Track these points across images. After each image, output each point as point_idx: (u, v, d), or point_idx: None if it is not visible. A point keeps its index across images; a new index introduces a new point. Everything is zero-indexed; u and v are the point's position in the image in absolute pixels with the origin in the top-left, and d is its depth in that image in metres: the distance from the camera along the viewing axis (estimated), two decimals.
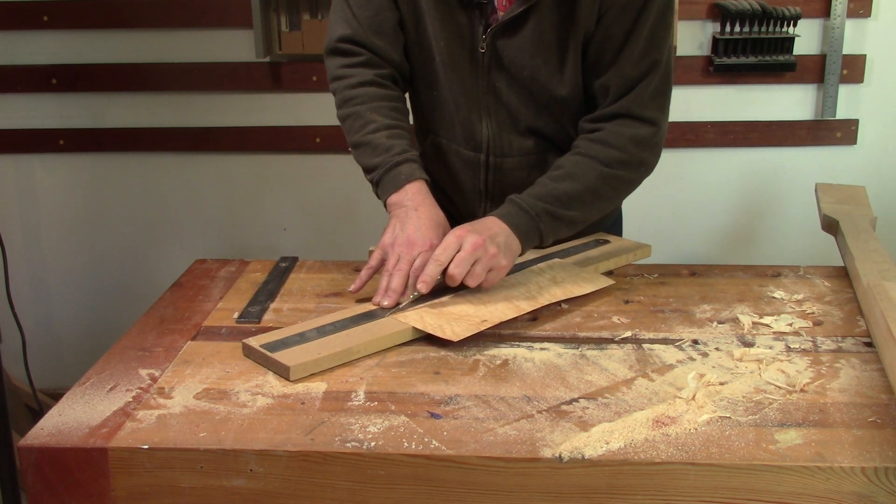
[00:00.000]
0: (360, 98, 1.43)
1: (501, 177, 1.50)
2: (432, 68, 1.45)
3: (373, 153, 1.39)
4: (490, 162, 1.49)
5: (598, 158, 1.37)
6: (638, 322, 1.26)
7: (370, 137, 1.39)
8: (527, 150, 1.47)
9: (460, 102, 1.46)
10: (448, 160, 1.52)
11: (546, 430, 0.98)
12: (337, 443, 0.96)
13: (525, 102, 1.44)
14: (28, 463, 0.97)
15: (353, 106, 1.43)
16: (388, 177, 1.37)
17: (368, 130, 1.40)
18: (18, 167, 2.70)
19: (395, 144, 1.39)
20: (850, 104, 2.58)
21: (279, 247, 2.72)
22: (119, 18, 2.55)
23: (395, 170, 1.37)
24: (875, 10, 2.50)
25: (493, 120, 1.45)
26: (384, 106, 1.43)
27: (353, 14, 1.44)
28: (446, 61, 1.43)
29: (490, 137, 1.47)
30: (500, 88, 1.43)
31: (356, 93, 1.43)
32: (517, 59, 1.39)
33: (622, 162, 1.37)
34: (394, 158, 1.38)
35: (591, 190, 1.37)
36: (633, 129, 1.37)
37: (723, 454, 0.93)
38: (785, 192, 2.66)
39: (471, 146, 1.49)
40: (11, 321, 2.21)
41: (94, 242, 2.77)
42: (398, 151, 1.38)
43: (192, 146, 2.67)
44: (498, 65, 1.41)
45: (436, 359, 1.16)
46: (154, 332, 1.25)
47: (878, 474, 0.91)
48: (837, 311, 1.30)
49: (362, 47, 1.44)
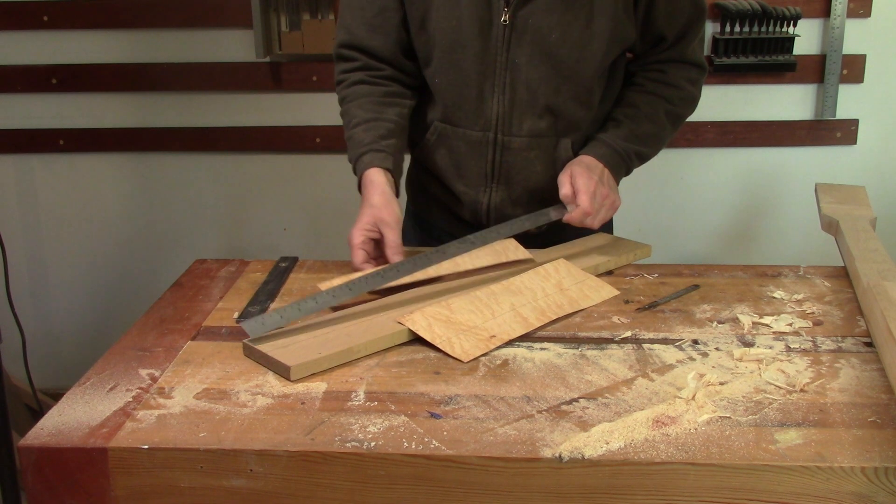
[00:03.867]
0: (349, 97, 1.51)
1: (508, 157, 1.50)
2: (441, 53, 1.46)
3: (350, 146, 1.48)
4: (498, 140, 1.49)
5: (666, 97, 1.53)
6: (638, 322, 1.26)
7: (350, 133, 1.48)
8: (536, 131, 1.49)
9: (472, 81, 1.46)
10: (453, 145, 1.52)
11: (546, 430, 0.98)
12: (337, 443, 0.96)
13: (546, 77, 1.45)
14: (28, 463, 0.97)
15: (344, 105, 1.52)
16: (357, 168, 1.46)
17: (350, 126, 1.49)
18: (18, 167, 2.70)
19: (366, 137, 1.46)
20: (850, 104, 2.58)
21: (279, 247, 2.72)
22: (119, 18, 2.55)
23: (360, 160, 1.45)
24: (875, 10, 2.50)
25: (507, 97, 1.46)
26: (367, 101, 1.50)
27: (352, 18, 1.50)
28: (459, 40, 1.43)
29: (500, 115, 1.48)
30: (519, 64, 1.44)
31: (347, 92, 1.52)
32: (544, 23, 1.41)
33: (683, 99, 1.56)
34: (358, 150, 1.46)
35: (662, 127, 1.54)
36: (689, 72, 1.55)
37: (723, 454, 0.93)
38: (785, 192, 2.66)
39: (479, 125, 1.49)
40: (11, 321, 2.21)
41: (94, 242, 2.77)
42: (366, 142, 1.45)
43: (192, 146, 2.67)
44: (519, 38, 1.42)
45: (436, 359, 1.16)
46: (154, 332, 1.25)
47: (878, 474, 0.91)
48: (837, 311, 1.30)
49: (359, 52, 1.51)
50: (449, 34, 1.44)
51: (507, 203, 1.55)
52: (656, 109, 1.53)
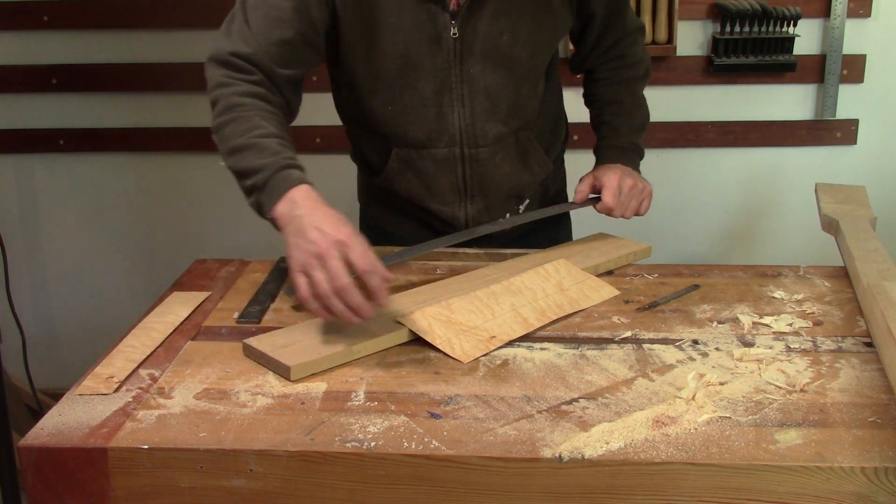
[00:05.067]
0: (248, 105, 1.30)
1: (478, 168, 1.50)
2: (391, 79, 1.42)
3: (259, 155, 1.24)
4: (465, 154, 1.48)
5: (637, 77, 1.62)
6: (638, 322, 1.26)
7: (258, 140, 1.25)
8: (500, 135, 1.49)
9: (429, 100, 1.44)
10: (419, 167, 1.50)
11: (546, 430, 0.98)
12: (337, 443, 0.96)
13: (504, 80, 1.45)
14: (28, 463, 0.97)
15: (239, 111, 1.29)
16: (276, 179, 1.21)
17: (256, 134, 1.26)
18: (18, 167, 2.70)
19: (284, 151, 1.26)
20: (850, 104, 2.57)
21: (279, 247, 2.71)
22: (119, 18, 2.55)
23: (284, 172, 1.22)
24: (875, 10, 2.50)
25: (467, 109, 1.45)
26: (275, 119, 1.31)
27: (253, 34, 1.33)
28: (410, 63, 1.40)
29: (463, 128, 1.46)
30: (474, 75, 1.43)
31: (245, 101, 1.30)
32: (493, 28, 1.40)
33: (646, 69, 1.64)
34: (284, 161, 1.24)
35: (644, 103, 1.64)
36: (637, 42, 1.62)
37: (723, 454, 0.93)
38: (785, 192, 2.66)
39: (443, 142, 1.47)
40: (11, 321, 2.21)
41: (94, 242, 2.77)
42: (289, 156, 1.25)
43: (192, 146, 2.66)
44: (470, 48, 1.41)
45: (436, 359, 1.16)
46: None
47: (878, 474, 0.91)
48: (837, 311, 1.30)
49: (258, 69, 1.33)
50: (398, 59, 1.39)
51: (484, 211, 1.54)
52: (635, 94, 1.62)
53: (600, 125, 1.62)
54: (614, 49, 1.59)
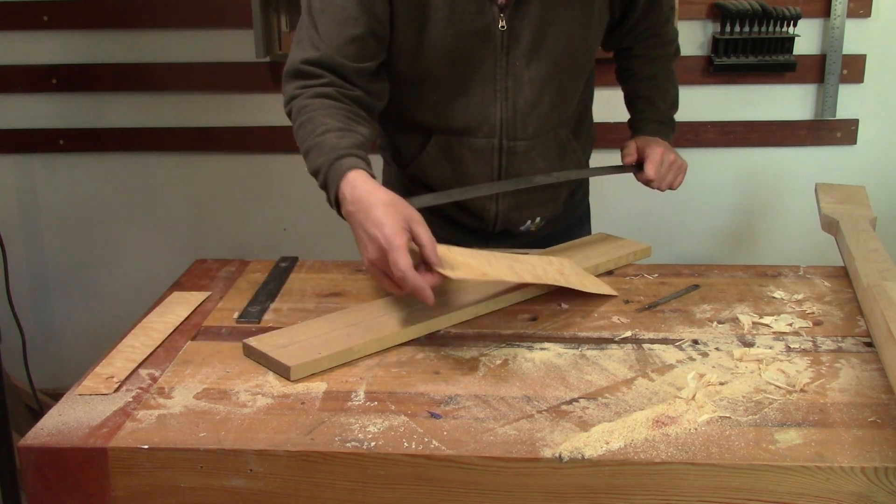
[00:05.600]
0: (311, 106, 1.34)
1: (514, 161, 1.50)
2: (440, 70, 1.44)
3: (318, 154, 1.29)
4: (503, 146, 1.49)
5: (671, 55, 1.69)
6: (638, 322, 1.26)
7: (318, 140, 1.30)
8: (539, 130, 1.50)
9: (474, 91, 1.46)
10: (456, 155, 1.51)
11: (546, 430, 0.98)
12: (337, 443, 0.96)
13: (548, 75, 1.46)
14: (28, 463, 0.97)
15: (307, 113, 1.33)
16: (331, 174, 1.26)
17: (315, 133, 1.30)
18: (18, 167, 2.70)
19: (341, 142, 1.28)
20: (850, 104, 2.58)
21: (279, 247, 2.72)
22: (119, 18, 2.55)
23: (337, 164, 1.26)
24: (875, 10, 2.50)
25: (510, 102, 1.46)
26: (336, 112, 1.34)
27: (321, 37, 1.36)
28: (459, 54, 1.43)
29: (504, 120, 1.47)
30: (519, 68, 1.45)
31: (313, 102, 1.34)
32: (540, 22, 1.42)
33: (678, 48, 1.71)
34: (335, 153, 1.27)
35: (676, 80, 1.70)
36: (670, 20, 1.68)
37: (723, 454, 0.93)
38: (785, 192, 2.66)
39: (483, 132, 1.48)
40: (11, 321, 2.21)
41: (94, 243, 2.77)
42: (343, 146, 1.28)
43: (192, 146, 2.66)
44: (517, 42, 1.43)
45: (436, 359, 1.16)
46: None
47: (878, 474, 0.91)
48: (837, 311, 1.30)
49: (327, 70, 1.37)
50: (447, 50, 1.42)
51: (515, 207, 1.55)
52: (670, 70, 1.68)
53: (636, 99, 1.68)
54: (651, 29, 1.64)
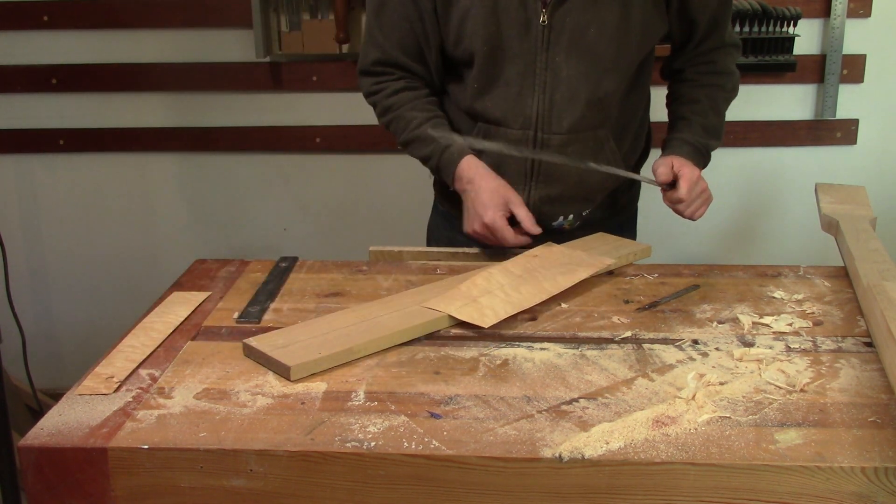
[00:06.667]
0: (398, 103, 1.57)
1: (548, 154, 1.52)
2: (481, 59, 1.48)
3: (423, 145, 1.55)
4: (538, 138, 1.51)
5: (722, 87, 1.61)
6: (638, 322, 1.26)
7: (417, 133, 1.55)
8: (575, 126, 1.51)
9: (512, 82, 1.49)
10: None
11: (546, 430, 0.98)
12: (337, 443, 0.96)
13: (585, 73, 1.48)
14: (28, 463, 0.97)
15: (394, 111, 1.58)
16: (444, 160, 1.53)
17: (413, 126, 1.55)
18: (18, 167, 2.70)
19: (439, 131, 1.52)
20: (850, 104, 2.58)
21: (279, 247, 2.72)
22: (119, 18, 2.55)
23: (447, 152, 1.52)
24: (875, 10, 2.50)
25: (547, 96, 1.48)
26: (420, 103, 1.57)
27: (385, 37, 1.56)
28: (500, 45, 1.46)
29: (540, 114, 1.50)
30: (558, 63, 1.47)
31: (394, 100, 1.58)
32: (581, 20, 1.44)
33: (734, 85, 1.63)
34: (441, 143, 1.52)
35: (723, 115, 1.62)
36: (732, 56, 1.63)
37: (723, 454, 0.93)
38: (785, 192, 2.66)
39: (519, 124, 1.51)
40: (11, 321, 2.21)
41: (94, 242, 2.77)
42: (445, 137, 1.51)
43: (192, 146, 2.66)
44: (557, 37, 1.45)
45: (436, 359, 1.16)
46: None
47: (878, 474, 0.91)
48: (837, 311, 1.30)
49: (394, 67, 1.58)
50: (489, 40, 1.46)
51: (546, 200, 1.56)
52: (716, 100, 1.61)
53: (676, 120, 1.62)
54: (707, 55, 1.60)
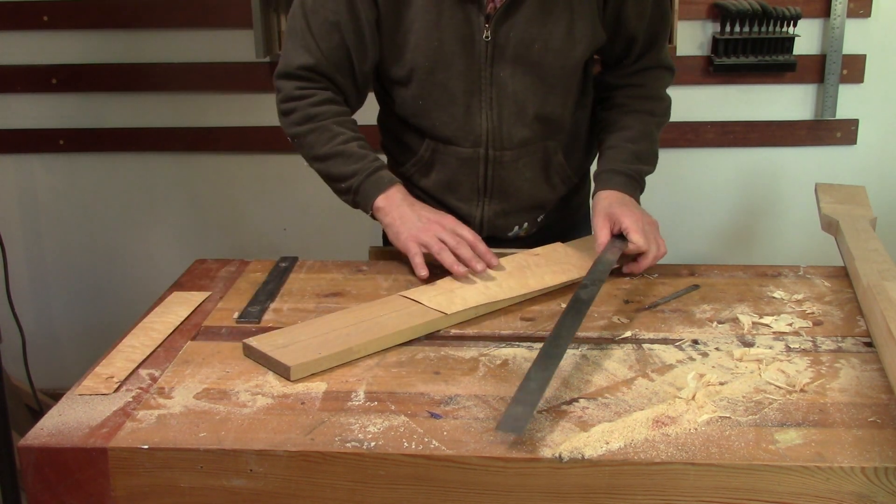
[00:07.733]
0: (325, 114, 1.47)
1: (500, 171, 1.51)
2: (424, 75, 1.45)
3: (347, 161, 1.45)
4: (489, 156, 1.50)
5: (652, 112, 1.56)
6: (638, 322, 1.26)
7: (342, 148, 1.45)
8: (525, 140, 1.49)
9: (458, 99, 1.46)
10: (445, 161, 1.53)
11: (546, 430, 0.98)
12: (337, 443, 0.96)
13: (532, 87, 1.46)
14: (28, 463, 0.97)
15: (318, 121, 1.46)
16: (370, 181, 1.44)
17: (339, 142, 1.45)
18: (18, 167, 2.70)
19: (368, 154, 1.46)
20: (850, 104, 2.58)
21: (279, 247, 2.72)
22: (119, 18, 2.55)
23: (377, 174, 1.44)
24: (875, 10, 2.50)
25: (495, 112, 1.46)
26: (345, 120, 1.49)
27: (317, 45, 1.45)
28: (442, 61, 1.43)
29: (489, 130, 1.48)
30: (503, 78, 1.44)
31: (321, 110, 1.47)
32: (526, 34, 1.41)
33: (665, 110, 1.58)
34: (372, 164, 1.45)
35: (655, 142, 1.56)
36: (664, 79, 1.58)
37: (723, 454, 0.93)
38: (785, 192, 2.66)
39: (469, 142, 1.49)
40: (11, 321, 2.21)
41: (94, 242, 2.77)
42: (373, 159, 1.46)
43: (192, 146, 2.66)
44: (501, 53, 1.43)
45: (436, 359, 1.16)
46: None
47: (878, 474, 0.91)
48: (837, 311, 1.30)
49: (322, 77, 1.47)
50: (431, 55, 1.43)
51: (500, 214, 1.56)
52: (647, 126, 1.54)
53: (606, 150, 1.53)
54: (638, 76, 1.55)
